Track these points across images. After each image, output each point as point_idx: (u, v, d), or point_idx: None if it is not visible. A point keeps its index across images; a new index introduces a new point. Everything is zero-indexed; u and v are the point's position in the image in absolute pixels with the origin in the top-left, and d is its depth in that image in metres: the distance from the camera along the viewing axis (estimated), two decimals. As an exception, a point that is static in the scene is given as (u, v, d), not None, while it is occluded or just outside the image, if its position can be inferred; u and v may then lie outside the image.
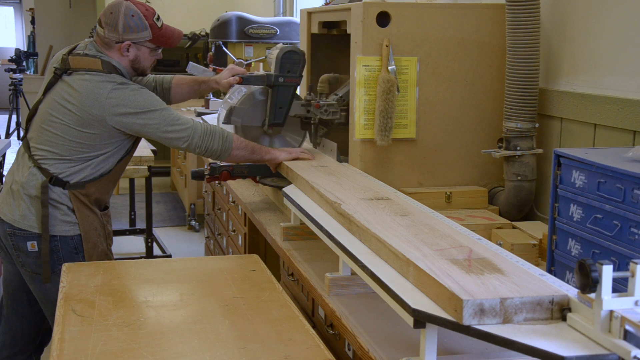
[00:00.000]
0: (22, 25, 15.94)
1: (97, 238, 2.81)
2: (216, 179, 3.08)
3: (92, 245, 2.79)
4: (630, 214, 1.72)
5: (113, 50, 2.75)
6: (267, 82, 2.81)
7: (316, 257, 2.36)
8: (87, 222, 2.77)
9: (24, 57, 10.95)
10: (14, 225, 2.74)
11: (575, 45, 2.53)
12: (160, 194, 7.55)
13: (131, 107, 2.66)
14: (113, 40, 2.73)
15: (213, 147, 2.73)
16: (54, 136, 2.70)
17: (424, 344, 1.47)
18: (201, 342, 1.80)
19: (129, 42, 2.73)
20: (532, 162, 2.62)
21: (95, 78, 2.68)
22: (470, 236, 1.79)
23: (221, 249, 4.16)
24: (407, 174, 2.72)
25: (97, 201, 2.82)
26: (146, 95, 2.70)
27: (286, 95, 2.83)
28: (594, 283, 1.25)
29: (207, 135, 2.71)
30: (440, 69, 2.70)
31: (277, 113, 2.85)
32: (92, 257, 2.78)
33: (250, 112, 2.89)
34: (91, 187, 2.76)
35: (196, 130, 2.70)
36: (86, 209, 2.77)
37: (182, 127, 2.69)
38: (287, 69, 2.79)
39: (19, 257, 2.77)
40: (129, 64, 2.79)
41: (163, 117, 2.68)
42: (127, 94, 2.66)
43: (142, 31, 2.74)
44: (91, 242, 2.79)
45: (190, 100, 6.07)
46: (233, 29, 5.63)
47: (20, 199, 2.73)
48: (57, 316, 1.97)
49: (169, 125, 2.68)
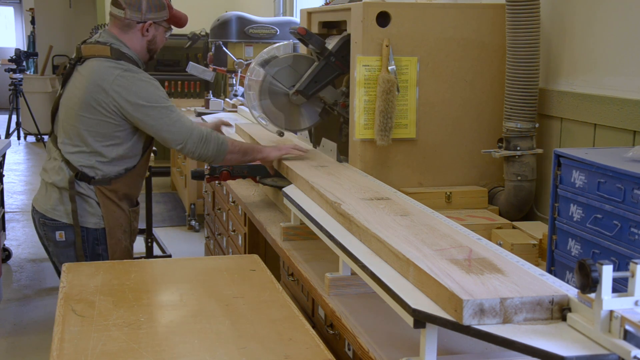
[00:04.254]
0: (22, 25, 15.94)
1: (121, 234, 2.86)
2: (216, 179, 3.08)
3: (116, 241, 2.85)
4: (630, 214, 1.72)
5: (133, 31, 2.81)
6: (322, 51, 2.81)
7: (316, 257, 2.36)
8: (112, 217, 2.83)
9: (24, 57, 10.94)
10: (46, 215, 2.83)
11: (575, 45, 2.53)
12: (160, 194, 7.55)
13: (133, 96, 2.68)
14: (135, 20, 2.80)
15: (207, 153, 2.77)
16: (73, 128, 2.76)
17: (424, 344, 1.47)
18: (201, 342, 1.80)
19: (151, 22, 2.81)
20: (532, 162, 2.62)
21: (103, 64, 2.72)
22: (470, 236, 1.79)
23: (221, 249, 4.16)
24: (407, 174, 2.72)
25: (126, 197, 2.87)
26: (151, 88, 2.72)
27: (327, 74, 2.85)
28: (594, 283, 1.25)
29: (202, 141, 2.74)
30: (440, 69, 2.69)
31: (309, 84, 2.86)
32: (115, 252, 2.84)
33: (287, 70, 2.91)
34: (117, 183, 2.81)
35: (192, 135, 2.72)
36: (112, 204, 2.82)
37: (179, 130, 2.71)
38: (343, 54, 2.79)
39: (50, 247, 2.89)
40: (145, 45, 2.84)
41: (162, 115, 2.70)
42: (132, 83, 2.69)
43: (162, 10, 2.84)
44: (115, 237, 2.85)
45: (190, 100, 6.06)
46: (233, 29, 5.62)
47: (52, 190, 2.82)
48: (57, 316, 1.97)
49: (167, 125, 2.70)
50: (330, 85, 2.87)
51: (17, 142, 10.65)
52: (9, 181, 8.09)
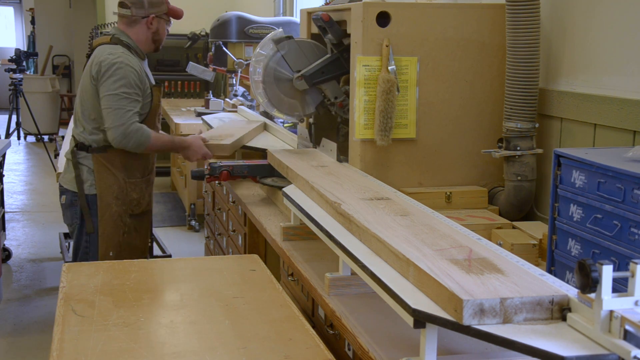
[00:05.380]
0: (22, 25, 15.94)
1: (112, 200, 3.21)
2: (216, 179, 3.08)
3: (106, 204, 3.20)
4: (630, 214, 1.72)
5: (139, 25, 3.25)
6: (339, 43, 2.81)
7: (316, 257, 2.36)
8: (104, 184, 3.19)
9: (24, 57, 10.91)
10: (60, 184, 3.36)
11: (575, 45, 2.53)
12: (160, 194, 7.54)
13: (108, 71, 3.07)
14: (140, 16, 3.24)
15: (126, 146, 3.12)
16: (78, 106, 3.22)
17: (424, 344, 1.47)
18: (201, 342, 1.80)
19: (154, 15, 3.25)
20: (532, 162, 2.62)
21: (103, 47, 3.18)
22: (470, 236, 1.79)
23: (221, 249, 4.16)
24: (407, 174, 2.72)
25: (124, 167, 3.21)
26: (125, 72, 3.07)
27: (336, 67, 2.85)
28: (594, 283, 1.25)
29: (124, 137, 3.08)
30: (440, 69, 2.69)
31: (315, 72, 2.86)
32: (104, 215, 3.20)
33: (297, 52, 2.89)
34: (113, 152, 3.18)
35: (119, 128, 3.06)
36: (107, 171, 3.19)
37: (114, 117, 3.06)
38: None
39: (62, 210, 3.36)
40: (150, 37, 3.27)
41: (113, 97, 3.06)
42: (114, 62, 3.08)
43: (161, 5, 3.30)
44: (104, 201, 3.20)
45: (190, 100, 6.09)
46: (233, 29, 5.62)
47: (65, 163, 3.34)
48: (57, 316, 1.97)
49: (109, 106, 3.06)
50: (334, 81, 2.86)
51: (17, 142, 10.65)
52: (9, 181, 8.09)
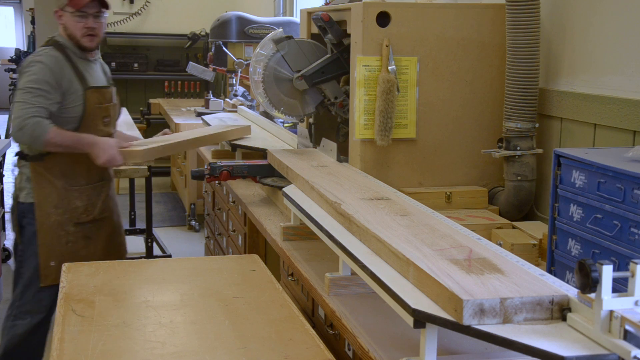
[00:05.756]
0: (22, 25, 15.93)
1: (51, 209, 3.09)
2: (216, 178, 3.08)
3: (45, 214, 3.10)
4: (630, 214, 1.72)
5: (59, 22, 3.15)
6: (339, 43, 2.79)
7: (316, 257, 2.36)
8: (42, 193, 3.10)
9: (24, 57, 10.92)
10: None
11: (575, 45, 2.53)
12: (160, 194, 7.55)
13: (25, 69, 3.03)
14: (54, 11, 3.15)
15: (22, 140, 3.06)
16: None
17: (424, 344, 1.47)
18: (201, 342, 1.80)
19: (57, 10, 3.13)
20: (532, 162, 2.62)
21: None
22: (470, 236, 1.79)
23: (221, 249, 4.16)
24: (407, 174, 2.72)
25: (63, 174, 3.10)
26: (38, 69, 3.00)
27: (336, 67, 2.84)
28: (594, 283, 1.25)
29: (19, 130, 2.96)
30: (440, 69, 2.69)
31: (315, 72, 2.84)
32: (43, 225, 3.09)
33: (297, 52, 2.87)
34: (50, 161, 3.09)
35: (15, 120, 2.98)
36: (44, 180, 3.09)
37: (18, 111, 2.98)
38: None
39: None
40: (64, 32, 3.14)
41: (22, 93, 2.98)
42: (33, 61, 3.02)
43: None
44: (43, 210, 3.10)
45: (190, 100, 6.08)
46: (233, 29, 5.62)
47: None
48: (57, 316, 1.97)
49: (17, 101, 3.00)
50: (334, 81, 2.86)
51: (17, 142, 10.64)
52: (9, 181, 8.09)
